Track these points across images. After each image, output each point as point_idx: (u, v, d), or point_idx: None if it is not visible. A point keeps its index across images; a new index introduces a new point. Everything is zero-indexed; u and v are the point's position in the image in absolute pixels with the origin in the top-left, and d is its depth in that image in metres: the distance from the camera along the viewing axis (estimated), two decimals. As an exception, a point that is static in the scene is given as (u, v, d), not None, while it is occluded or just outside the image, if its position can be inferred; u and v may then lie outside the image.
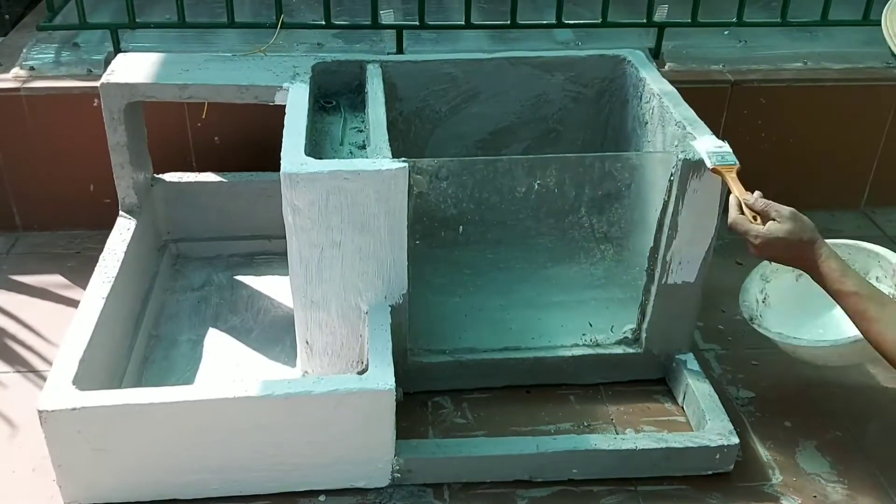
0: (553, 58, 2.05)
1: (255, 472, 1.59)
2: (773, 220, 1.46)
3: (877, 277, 1.84)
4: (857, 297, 1.40)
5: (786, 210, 1.47)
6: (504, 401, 1.84)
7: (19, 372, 1.91)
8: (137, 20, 2.34)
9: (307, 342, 1.71)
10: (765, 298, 1.89)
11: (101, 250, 1.89)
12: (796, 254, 1.47)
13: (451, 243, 1.93)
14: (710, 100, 2.28)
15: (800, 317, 1.85)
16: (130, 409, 1.48)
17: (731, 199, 1.53)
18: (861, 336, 1.52)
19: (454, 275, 2.06)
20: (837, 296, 1.43)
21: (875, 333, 1.38)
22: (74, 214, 2.38)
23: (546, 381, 1.87)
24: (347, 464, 1.60)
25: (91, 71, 2.31)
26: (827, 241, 1.72)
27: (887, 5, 1.36)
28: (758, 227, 1.47)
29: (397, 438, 1.60)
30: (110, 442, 1.51)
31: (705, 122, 1.73)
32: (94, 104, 2.17)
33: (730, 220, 1.51)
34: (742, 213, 1.50)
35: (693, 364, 1.84)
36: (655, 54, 2.46)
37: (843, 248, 1.89)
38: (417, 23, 2.37)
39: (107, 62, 2.23)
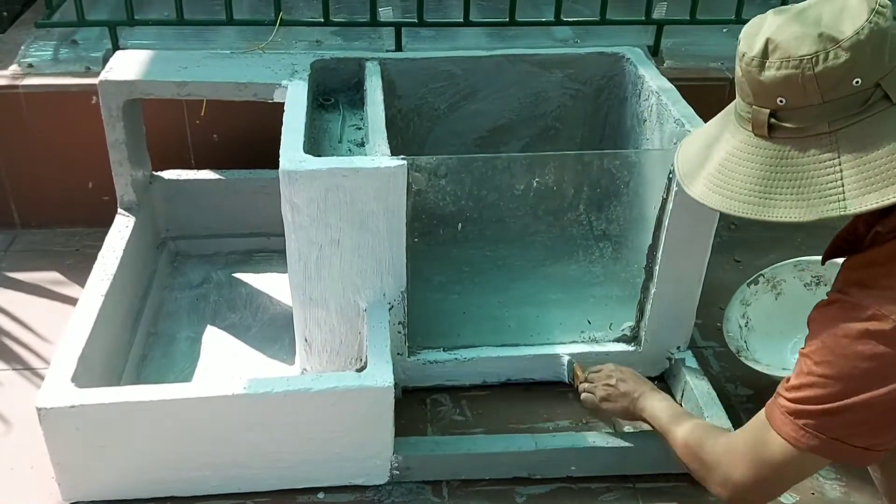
0: (552, 55, 2.05)
1: (254, 470, 1.59)
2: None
3: None
4: (668, 424, 1.47)
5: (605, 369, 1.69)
6: (502, 398, 1.84)
7: (18, 370, 1.91)
8: (136, 17, 2.34)
9: (306, 340, 1.71)
10: (747, 323, 1.88)
11: (99, 248, 1.89)
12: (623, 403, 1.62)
13: (450, 241, 1.93)
14: (708, 97, 2.26)
15: (781, 336, 1.84)
16: (129, 407, 1.48)
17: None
18: None
19: (453, 272, 2.07)
20: (659, 431, 1.51)
21: (670, 442, 1.43)
22: (73, 212, 2.38)
23: (544, 379, 1.87)
24: (346, 461, 1.60)
25: (89, 68, 2.31)
26: (807, 257, 1.76)
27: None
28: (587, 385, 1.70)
29: (396, 436, 1.60)
30: (109, 439, 1.51)
31: (704, 120, 1.72)
32: (93, 101, 2.17)
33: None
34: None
35: (691, 361, 1.84)
36: (654, 52, 2.46)
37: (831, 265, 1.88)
38: (416, 20, 2.37)
39: (105, 59, 2.23)
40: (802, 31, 1.04)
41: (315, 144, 1.75)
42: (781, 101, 1.06)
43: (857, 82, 1.02)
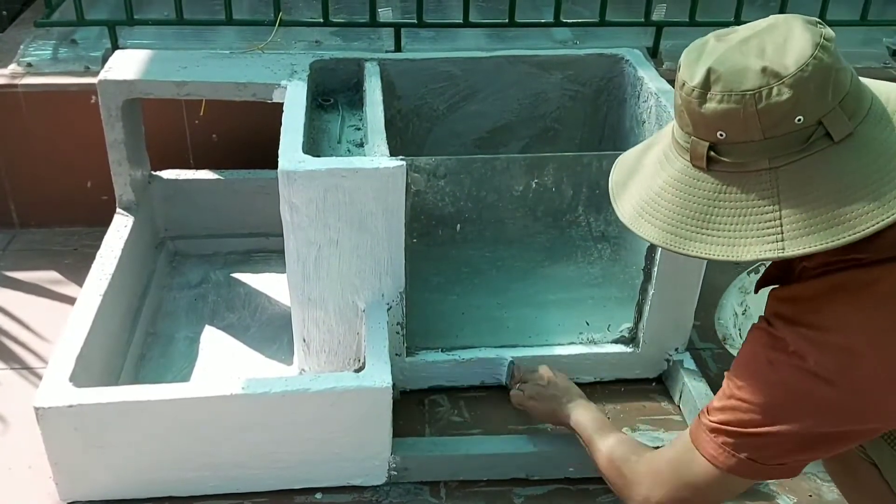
0: (551, 56, 2.05)
1: (252, 470, 1.59)
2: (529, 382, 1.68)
3: None
4: (590, 432, 1.47)
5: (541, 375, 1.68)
6: (501, 399, 1.84)
7: (15, 369, 1.91)
8: (135, 17, 2.34)
9: (304, 340, 1.71)
10: (745, 311, 1.88)
11: (98, 247, 1.89)
12: (550, 407, 1.61)
13: (449, 241, 1.93)
14: (707, 99, 2.28)
15: None
16: (127, 407, 1.48)
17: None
18: None
19: (451, 273, 2.06)
20: (584, 440, 1.50)
21: (594, 453, 1.44)
22: (72, 211, 2.38)
23: (543, 380, 1.87)
24: (344, 461, 1.60)
25: (89, 67, 2.31)
26: None
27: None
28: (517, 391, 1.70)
29: (394, 436, 1.60)
30: (107, 439, 1.51)
31: (703, 122, 1.73)
32: (92, 101, 2.17)
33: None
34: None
35: (689, 363, 1.84)
36: (653, 53, 2.46)
37: None
38: (416, 21, 2.37)
39: (104, 59, 2.22)
40: (745, 64, 0.99)
41: (314, 145, 1.75)
42: (721, 135, 1.01)
43: (799, 120, 0.98)
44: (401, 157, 1.55)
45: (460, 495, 1.64)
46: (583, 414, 1.52)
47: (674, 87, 1.08)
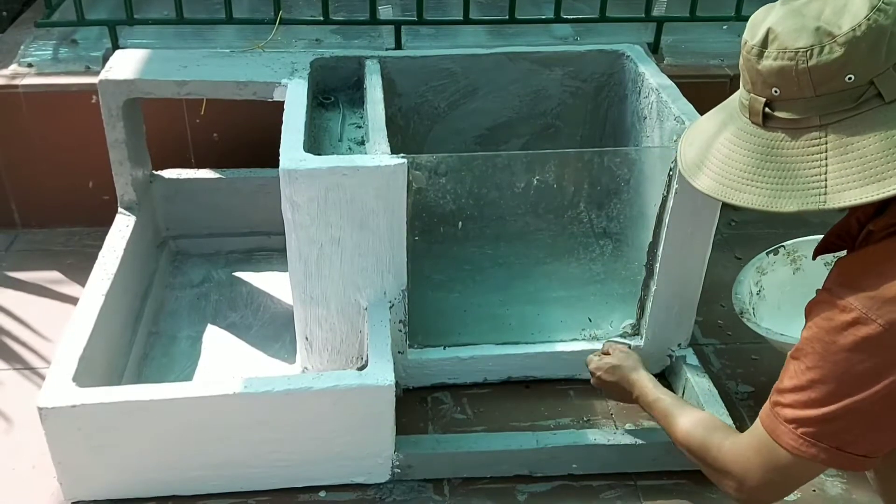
0: (552, 53, 2.05)
1: (255, 469, 1.59)
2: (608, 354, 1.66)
3: None
4: (662, 401, 1.47)
5: (622, 348, 1.68)
6: (503, 396, 1.84)
7: (18, 369, 1.91)
8: (135, 17, 2.34)
9: (306, 338, 1.72)
10: (759, 290, 1.88)
11: (100, 247, 1.89)
12: (619, 378, 1.61)
13: (451, 239, 1.93)
14: (708, 94, 2.26)
15: (793, 310, 1.83)
16: (130, 406, 1.49)
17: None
18: None
19: (453, 271, 2.06)
20: (650, 407, 1.51)
21: (672, 427, 1.41)
22: (73, 211, 2.38)
23: (545, 377, 1.87)
24: (347, 459, 1.60)
25: (89, 67, 2.31)
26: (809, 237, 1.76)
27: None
28: (596, 360, 1.66)
29: (397, 434, 1.60)
30: (110, 439, 1.52)
31: (704, 117, 1.73)
32: (93, 101, 2.17)
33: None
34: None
35: (692, 359, 1.84)
36: (654, 49, 2.46)
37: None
38: (416, 18, 2.37)
39: (105, 59, 2.23)
40: (802, 24, 1.04)
41: (315, 143, 1.75)
42: (776, 92, 1.08)
43: (849, 78, 1.02)
44: (402, 154, 1.55)
45: (464, 492, 1.64)
46: (648, 394, 1.52)
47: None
